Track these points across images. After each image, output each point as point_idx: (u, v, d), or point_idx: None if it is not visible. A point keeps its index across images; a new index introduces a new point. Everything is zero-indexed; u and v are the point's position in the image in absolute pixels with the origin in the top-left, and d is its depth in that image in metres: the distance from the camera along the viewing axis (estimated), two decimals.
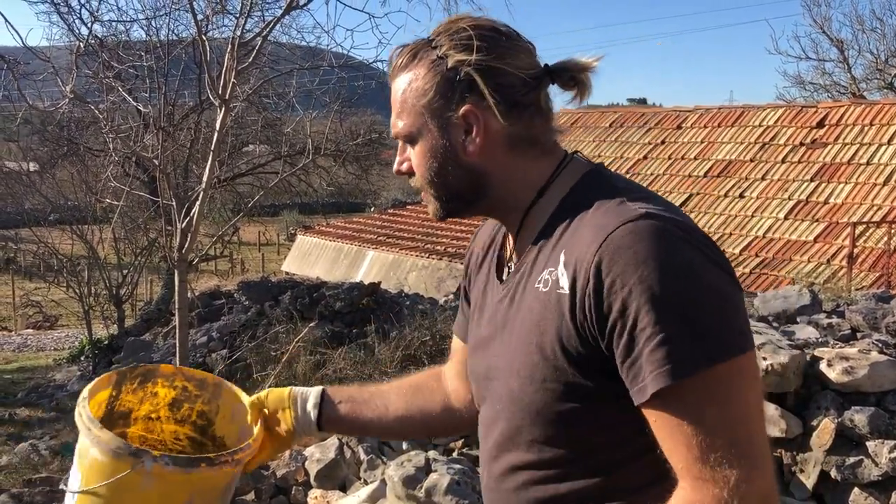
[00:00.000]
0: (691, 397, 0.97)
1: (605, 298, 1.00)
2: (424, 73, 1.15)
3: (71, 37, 8.44)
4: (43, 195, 13.61)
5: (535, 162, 1.18)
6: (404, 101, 1.18)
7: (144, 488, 1.36)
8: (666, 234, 1.01)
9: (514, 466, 1.15)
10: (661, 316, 0.96)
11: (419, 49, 1.17)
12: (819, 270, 9.66)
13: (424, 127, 1.16)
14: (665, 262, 0.98)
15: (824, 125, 12.13)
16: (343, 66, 6.16)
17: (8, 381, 10.66)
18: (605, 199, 1.09)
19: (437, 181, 1.19)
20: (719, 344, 0.97)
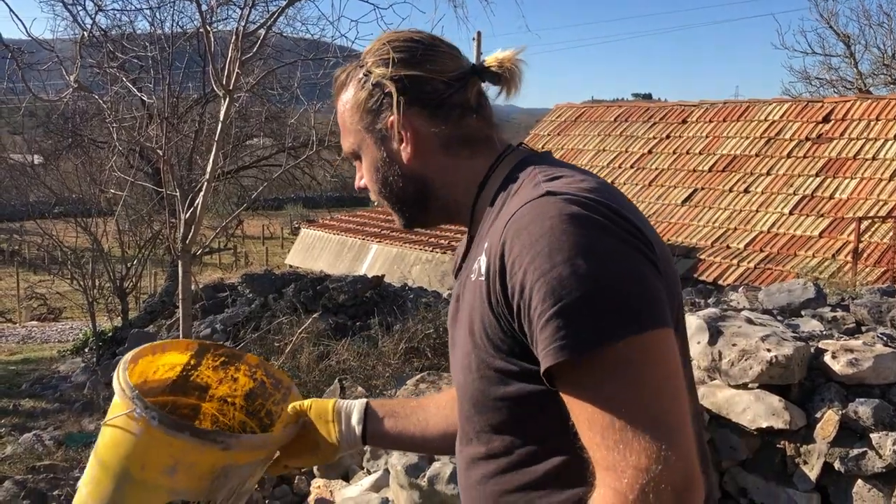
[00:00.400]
0: (588, 377, 0.93)
1: (509, 281, 0.99)
2: (354, 92, 1.20)
3: (75, 27, 8.45)
4: (47, 187, 13.64)
5: (471, 160, 1.20)
6: (343, 121, 1.24)
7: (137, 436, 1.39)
8: (560, 211, 0.97)
9: (473, 458, 1.16)
10: (550, 295, 0.93)
11: (350, 70, 1.22)
12: (824, 265, 9.64)
13: (363, 143, 1.21)
14: (555, 241, 0.95)
15: (830, 120, 12.09)
16: (347, 57, 6.15)
17: (12, 372, 10.69)
18: (522, 185, 1.10)
19: (385, 193, 1.23)
20: (612, 323, 0.92)
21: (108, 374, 8.46)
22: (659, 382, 0.94)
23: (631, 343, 0.92)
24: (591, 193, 1.02)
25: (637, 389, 0.92)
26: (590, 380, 0.93)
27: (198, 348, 1.63)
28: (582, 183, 1.05)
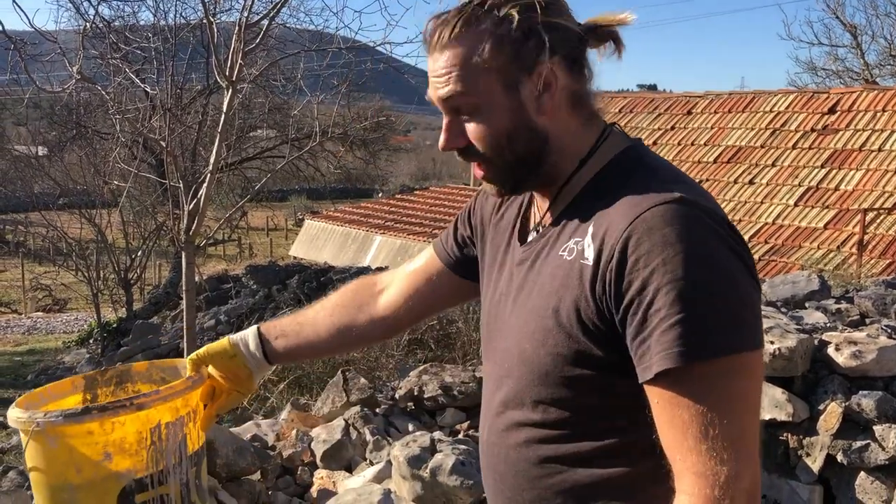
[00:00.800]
0: (693, 385, 0.97)
1: (627, 275, 1.00)
2: (488, 36, 1.09)
3: (78, 19, 8.43)
4: (52, 178, 13.66)
5: (584, 127, 1.17)
6: (464, 61, 1.10)
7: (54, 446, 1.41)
8: (697, 221, 1.01)
9: (519, 423, 1.17)
10: (678, 300, 0.96)
11: (469, 14, 1.10)
12: (829, 257, 9.61)
13: (492, 89, 1.10)
14: (691, 250, 0.98)
15: (836, 111, 12.03)
16: (351, 48, 6.13)
17: (18, 363, 10.75)
18: (641, 178, 1.09)
19: (506, 147, 1.12)
20: (729, 337, 0.97)
21: (113, 365, 8.50)
22: (752, 399, 1.02)
23: (741, 359, 0.98)
24: (717, 208, 1.06)
25: (737, 403, 0.98)
26: (697, 387, 0.98)
27: (85, 383, 1.68)
28: (704, 193, 1.09)
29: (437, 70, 1.12)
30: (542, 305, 1.11)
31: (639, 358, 1.01)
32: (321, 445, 3.52)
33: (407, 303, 1.47)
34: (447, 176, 49.66)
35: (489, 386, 1.27)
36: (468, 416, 3.95)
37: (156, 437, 1.49)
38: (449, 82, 1.11)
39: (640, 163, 1.13)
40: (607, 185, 1.11)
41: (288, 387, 5.27)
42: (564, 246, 1.11)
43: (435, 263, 1.47)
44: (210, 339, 7.94)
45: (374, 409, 3.89)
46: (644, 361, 1.00)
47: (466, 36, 1.10)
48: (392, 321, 1.51)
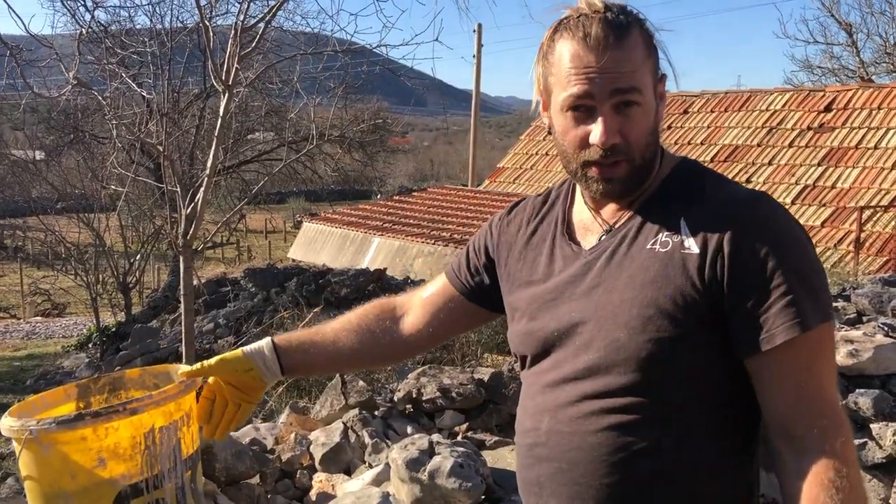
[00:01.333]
0: (807, 351, 1.13)
1: (741, 258, 1.14)
2: (645, 43, 1.23)
3: (74, 24, 8.43)
4: (49, 183, 13.65)
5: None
6: (637, 65, 1.20)
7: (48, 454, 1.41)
8: (786, 213, 1.19)
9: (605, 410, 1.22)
10: (794, 279, 1.12)
11: (632, 20, 1.22)
12: (826, 255, 9.62)
13: (649, 92, 1.23)
14: (797, 235, 1.17)
15: (832, 109, 12.05)
16: (347, 51, 6.13)
17: (17, 368, 10.74)
18: (715, 181, 1.26)
19: (650, 146, 1.24)
20: (827, 307, 1.15)
21: (111, 370, 8.49)
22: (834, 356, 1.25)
23: (831, 326, 1.17)
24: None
25: (833, 366, 1.20)
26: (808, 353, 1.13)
27: (78, 391, 1.68)
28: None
29: (610, 65, 1.18)
30: (636, 296, 1.19)
31: (754, 331, 1.13)
32: (320, 449, 3.52)
33: (427, 328, 1.56)
34: (445, 177, 49.70)
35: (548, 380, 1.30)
36: (467, 418, 3.96)
37: (150, 442, 1.49)
38: (628, 78, 1.19)
39: (705, 170, 1.30)
40: (681, 189, 1.25)
41: (286, 390, 5.27)
42: (654, 240, 1.21)
43: (449, 291, 1.55)
44: (209, 342, 7.94)
45: (372, 411, 3.89)
46: (762, 333, 1.12)
47: (633, 39, 1.21)
48: (413, 343, 1.58)
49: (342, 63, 6.42)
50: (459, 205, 14.04)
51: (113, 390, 1.75)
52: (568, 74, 1.19)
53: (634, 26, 1.21)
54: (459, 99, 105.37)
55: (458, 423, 3.91)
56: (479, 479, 2.89)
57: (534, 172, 15.10)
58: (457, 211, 13.56)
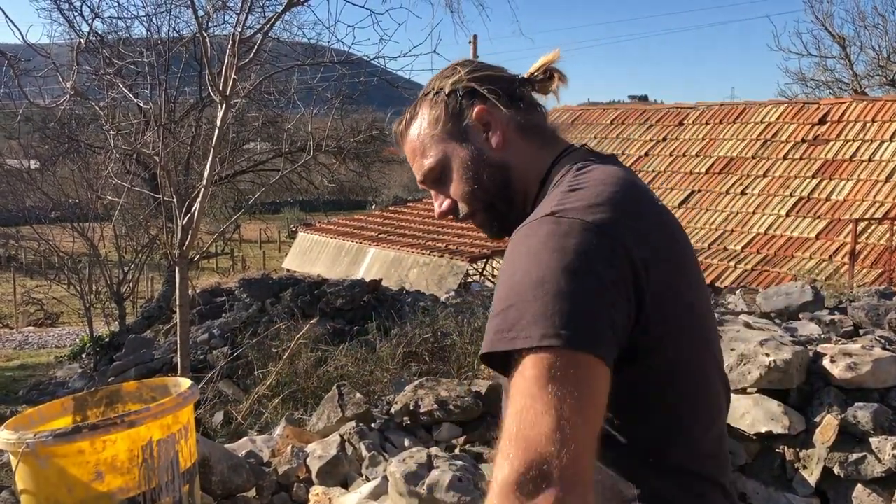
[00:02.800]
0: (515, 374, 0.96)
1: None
2: (428, 111, 1.29)
3: (72, 33, 8.43)
4: (44, 192, 13.60)
5: (541, 150, 1.28)
6: (422, 142, 1.30)
7: (44, 467, 1.39)
8: (543, 230, 1.04)
9: None
10: (498, 295, 1.04)
11: (414, 105, 1.33)
12: (821, 267, 9.64)
13: (448, 149, 1.27)
14: (522, 253, 1.04)
15: (826, 122, 12.10)
16: (344, 62, 6.15)
17: (9, 378, 10.67)
18: (550, 197, 1.16)
19: (478, 191, 1.26)
20: (524, 331, 0.96)
21: (105, 380, 8.44)
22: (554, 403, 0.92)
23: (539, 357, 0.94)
24: (592, 213, 1.06)
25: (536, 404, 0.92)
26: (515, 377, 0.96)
27: (74, 404, 1.68)
28: (595, 197, 1.09)
29: (409, 159, 1.32)
30: None
31: None
32: (317, 461, 3.50)
33: None
34: None
35: None
36: (464, 431, 3.94)
37: (147, 455, 1.48)
38: (418, 165, 1.31)
39: (563, 180, 1.19)
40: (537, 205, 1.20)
41: (282, 402, 5.24)
42: None
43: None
44: (203, 353, 7.90)
45: (369, 424, 3.87)
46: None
47: (414, 122, 1.31)
48: None
49: (339, 74, 6.43)
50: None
51: (110, 403, 1.74)
52: None
53: (418, 108, 1.31)
54: None
55: (456, 436, 3.89)
56: (479, 493, 2.87)
57: None
58: (452, 222, 13.55)
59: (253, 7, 5.13)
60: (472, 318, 6.45)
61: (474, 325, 6.13)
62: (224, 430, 5.35)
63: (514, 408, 0.93)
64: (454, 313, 6.86)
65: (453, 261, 11.26)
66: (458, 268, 11.20)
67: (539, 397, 0.92)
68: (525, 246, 1.05)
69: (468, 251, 11.45)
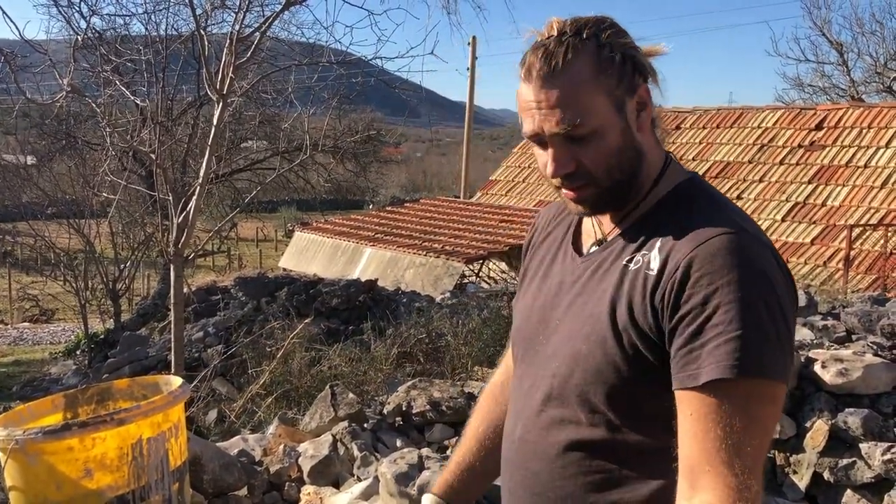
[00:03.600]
0: (737, 400, 1.04)
1: (688, 289, 1.08)
2: (594, 63, 1.16)
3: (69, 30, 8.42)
4: (40, 188, 13.56)
5: (658, 147, 1.27)
6: (576, 92, 1.15)
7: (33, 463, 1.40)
8: (760, 253, 1.10)
9: (562, 420, 1.22)
10: (738, 319, 1.04)
11: (571, 44, 1.16)
12: (816, 272, 9.67)
13: (607, 115, 1.17)
14: (754, 277, 1.07)
15: (823, 127, 12.14)
16: (342, 62, 6.15)
17: (3, 374, 10.65)
18: (706, 207, 1.18)
19: (616, 166, 1.20)
20: (776, 363, 1.05)
21: (99, 377, 8.42)
22: (770, 431, 1.08)
23: (777, 387, 1.06)
24: (770, 243, 1.15)
25: (767, 427, 1.06)
26: (739, 403, 1.04)
27: (65, 401, 1.69)
28: (760, 229, 1.18)
29: (549, 101, 1.16)
30: (602, 311, 1.18)
31: (683, 365, 1.07)
32: (308, 461, 3.50)
33: None
34: (437, 188, 49.75)
35: (526, 385, 1.30)
36: (456, 432, 3.94)
37: (137, 453, 1.49)
38: (565, 113, 1.16)
39: (703, 192, 1.23)
40: (674, 209, 1.21)
41: (276, 401, 5.24)
42: (630, 258, 1.19)
43: None
44: (198, 350, 7.89)
45: (361, 424, 3.88)
46: (689, 369, 1.06)
47: (575, 64, 1.15)
48: None
49: (337, 74, 6.44)
50: (451, 216, 14.05)
51: (101, 401, 1.75)
52: (520, 110, 1.21)
53: (581, 51, 1.15)
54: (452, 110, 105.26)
55: (448, 437, 3.89)
56: None
57: (526, 185, 15.14)
58: (449, 223, 13.57)
59: (251, 6, 5.13)
60: (466, 319, 6.47)
61: (469, 326, 6.14)
62: (217, 429, 5.35)
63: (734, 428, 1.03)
64: (449, 314, 6.86)
65: (449, 261, 11.27)
66: (454, 269, 11.21)
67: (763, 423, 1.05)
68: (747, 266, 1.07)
69: (464, 252, 11.46)
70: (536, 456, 1.25)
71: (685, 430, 1.07)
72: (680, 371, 1.08)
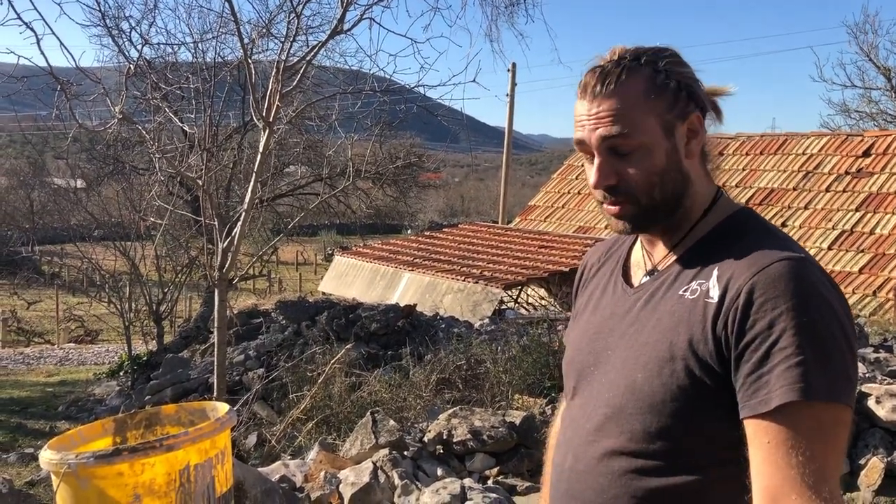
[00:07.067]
0: (807, 424, 1.04)
1: (752, 314, 1.09)
2: (649, 85, 1.21)
3: (121, 58, 8.66)
4: (88, 212, 13.90)
5: (707, 179, 1.29)
6: (626, 107, 1.20)
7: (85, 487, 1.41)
8: (820, 280, 1.12)
9: (617, 452, 1.21)
10: (804, 343, 1.05)
11: (629, 65, 1.23)
12: (864, 302, 9.43)
13: (654, 134, 1.21)
14: (819, 302, 1.08)
15: (871, 154, 11.90)
16: (385, 90, 6.22)
17: (50, 394, 10.85)
18: (761, 235, 1.20)
19: (658, 186, 1.23)
20: (843, 387, 1.06)
21: (142, 399, 8.54)
22: (841, 454, 1.08)
23: (846, 412, 1.07)
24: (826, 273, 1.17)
25: (835, 453, 1.06)
26: (807, 425, 1.04)
27: (115, 426, 1.70)
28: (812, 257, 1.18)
29: (599, 113, 1.22)
30: (659, 339, 1.18)
31: (753, 392, 1.07)
32: (349, 488, 3.49)
33: None
34: (475, 213, 49.80)
35: (577, 415, 1.31)
36: (498, 461, 3.90)
37: (185, 479, 1.50)
38: (613, 124, 1.21)
39: (758, 222, 1.25)
40: (728, 238, 1.22)
41: (316, 426, 5.25)
42: (686, 287, 1.20)
43: None
44: (238, 374, 7.96)
45: (402, 451, 3.86)
46: (759, 395, 1.06)
47: (629, 83, 1.21)
48: None
49: (380, 101, 6.51)
50: (490, 242, 14.04)
51: (149, 426, 1.76)
52: (574, 126, 1.27)
53: (636, 72, 1.21)
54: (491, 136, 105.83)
55: (489, 467, 3.86)
56: None
57: (565, 211, 15.08)
58: (487, 248, 13.55)
59: (297, 35, 5.23)
60: (506, 346, 6.42)
61: (508, 353, 6.10)
62: (258, 452, 5.37)
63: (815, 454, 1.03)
64: (488, 341, 6.83)
65: (488, 287, 11.24)
66: (492, 294, 11.17)
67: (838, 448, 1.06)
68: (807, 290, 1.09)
69: (503, 278, 11.42)
70: (588, 486, 1.24)
71: (763, 458, 1.06)
72: (750, 398, 1.08)
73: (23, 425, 8.82)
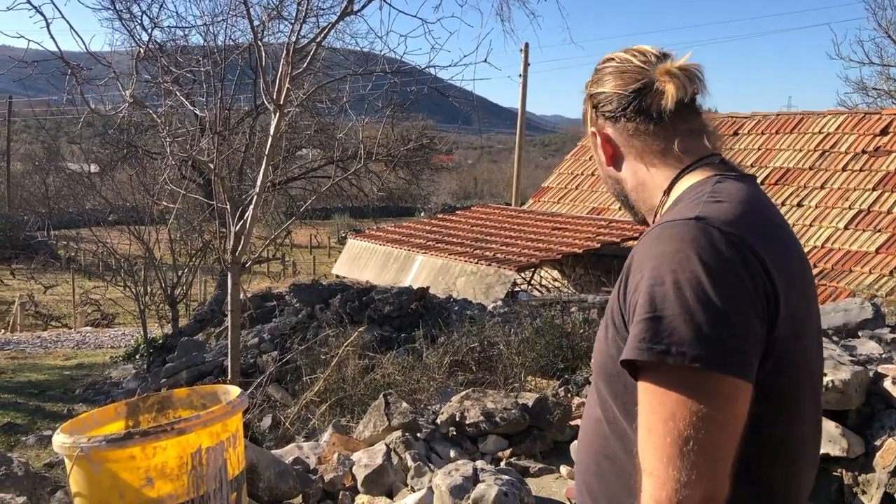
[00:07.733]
0: (660, 387, 1.02)
1: (631, 279, 1.12)
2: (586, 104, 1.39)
3: (132, 42, 8.66)
4: (103, 196, 13.97)
5: (655, 168, 1.31)
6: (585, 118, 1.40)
7: (97, 471, 1.42)
8: (692, 238, 1.07)
9: (592, 418, 1.28)
10: (649, 303, 1.05)
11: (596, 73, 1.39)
12: (881, 282, 9.35)
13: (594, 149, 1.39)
14: (672, 264, 1.05)
15: (889, 133, 11.75)
16: (396, 71, 6.18)
17: (67, 377, 10.96)
18: (686, 204, 1.19)
19: (610, 189, 1.41)
20: (687, 348, 1.00)
21: (157, 382, 8.61)
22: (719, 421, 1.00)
23: (704, 377, 1.00)
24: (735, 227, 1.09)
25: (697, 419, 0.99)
26: (663, 390, 1.02)
27: (127, 409, 1.71)
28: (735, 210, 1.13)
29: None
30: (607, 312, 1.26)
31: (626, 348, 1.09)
32: (362, 470, 3.51)
33: None
34: (488, 195, 49.68)
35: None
36: (510, 444, 3.90)
37: (196, 462, 1.50)
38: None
39: (694, 192, 1.21)
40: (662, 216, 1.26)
41: (329, 408, 5.27)
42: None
43: None
44: (253, 356, 8.01)
45: (415, 433, 3.87)
46: (624, 352, 1.08)
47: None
48: None
49: (391, 83, 6.47)
50: (503, 224, 14.00)
51: (161, 409, 1.78)
52: None
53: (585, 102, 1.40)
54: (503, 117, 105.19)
55: (502, 449, 3.86)
56: None
57: (579, 192, 15.00)
58: (500, 230, 13.52)
59: (307, 17, 5.19)
60: (519, 328, 6.42)
61: (521, 335, 6.09)
62: (272, 435, 5.41)
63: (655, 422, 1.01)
64: (501, 323, 6.82)
65: (501, 270, 11.22)
66: (505, 277, 11.16)
67: (683, 418, 0.98)
68: (668, 248, 1.07)
69: (516, 260, 11.39)
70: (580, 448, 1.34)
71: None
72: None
73: (41, 408, 8.92)
